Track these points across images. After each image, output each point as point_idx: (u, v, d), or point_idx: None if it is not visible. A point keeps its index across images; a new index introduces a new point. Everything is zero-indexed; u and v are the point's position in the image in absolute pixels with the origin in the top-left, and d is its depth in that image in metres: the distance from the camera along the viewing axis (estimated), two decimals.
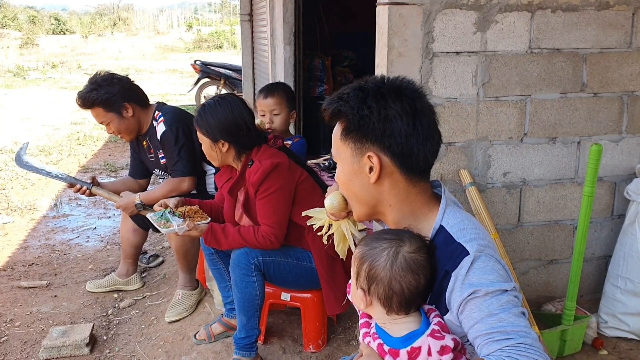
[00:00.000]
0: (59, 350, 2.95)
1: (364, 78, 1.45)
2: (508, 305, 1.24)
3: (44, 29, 27.11)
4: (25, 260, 4.22)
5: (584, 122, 2.78)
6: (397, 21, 2.46)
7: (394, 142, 1.38)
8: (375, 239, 1.38)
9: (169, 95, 12.83)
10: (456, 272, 1.29)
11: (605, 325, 2.78)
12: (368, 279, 1.33)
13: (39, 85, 15.08)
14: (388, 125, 1.36)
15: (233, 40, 25.14)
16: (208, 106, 2.52)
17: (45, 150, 7.64)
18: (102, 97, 3.17)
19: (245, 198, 2.57)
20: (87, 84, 3.24)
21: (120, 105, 3.21)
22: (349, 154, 1.42)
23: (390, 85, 1.41)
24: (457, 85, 2.60)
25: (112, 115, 3.22)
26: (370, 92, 1.39)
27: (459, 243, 1.33)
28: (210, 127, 2.48)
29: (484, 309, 1.24)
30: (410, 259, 1.31)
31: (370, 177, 1.41)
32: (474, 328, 1.26)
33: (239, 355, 2.55)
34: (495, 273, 1.28)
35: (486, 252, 1.31)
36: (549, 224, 2.89)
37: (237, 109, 2.52)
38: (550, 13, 2.61)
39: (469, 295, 1.26)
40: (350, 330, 2.92)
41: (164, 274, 3.87)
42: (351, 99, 1.39)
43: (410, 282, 1.30)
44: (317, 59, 6.49)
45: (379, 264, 1.32)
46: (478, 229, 1.39)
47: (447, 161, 2.67)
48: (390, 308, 1.33)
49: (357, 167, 1.42)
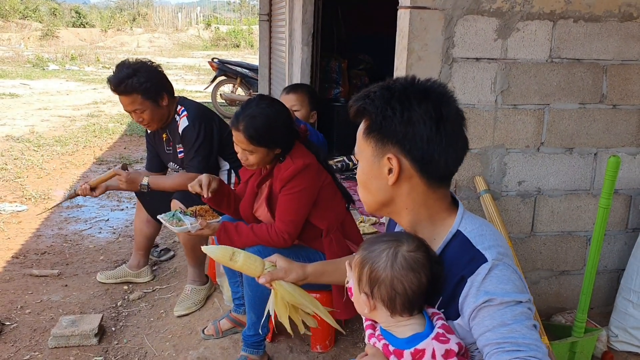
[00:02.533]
0: (68, 340, 2.97)
1: (395, 77, 1.43)
2: (521, 317, 1.24)
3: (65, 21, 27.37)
4: (38, 248, 4.26)
5: (602, 134, 2.76)
6: (418, 25, 2.46)
7: (415, 146, 1.35)
8: (373, 242, 1.39)
9: (185, 92, 12.90)
10: (472, 278, 1.29)
11: (615, 339, 2.76)
12: (370, 281, 1.34)
13: (58, 76, 15.24)
14: (410, 129, 1.34)
15: (250, 39, 25.26)
16: (262, 118, 2.42)
17: (61, 141, 7.71)
18: (144, 84, 3.11)
19: (269, 192, 2.58)
20: (120, 68, 3.15)
21: (159, 93, 3.18)
22: (369, 153, 1.41)
23: (418, 87, 1.38)
24: (475, 92, 2.59)
25: (149, 103, 3.16)
26: (396, 93, 1.36)
27: (477, 249, 1.32)
28: (270, 141, 2.44)
29: (497, 318, 1.24)
30: (410, 257, 1.32)
31: (388, 178, 1.39)
32: (484, 336, 1.26)
33: (247, 352, 2.56)
34: (511, 283, 1.28)
35: (504, 261, 1.30)
36: (562, 235, 2.88)
37: (285, 115, 2.52)
38: (572, 23, 2.60)
39: (483, 303, 1.25)
40: (357, 332, 2.92)
41: (175, 268, 3.89)
42: (377, 98, 1.37)
43: (412, 281, 1.31)
44: (334, 61, 6.51)
45: (380, 266, 1.33)
46: (496, 235, 1.39)
47: (462, 167, 2.63)
48: (394, 309, 1.33)
49: (377, 167, 1.40)
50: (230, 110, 10.16)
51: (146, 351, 2.95)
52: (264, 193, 2.63)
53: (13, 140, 7.66)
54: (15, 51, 19.85)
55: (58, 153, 7.21)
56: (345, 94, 6.46)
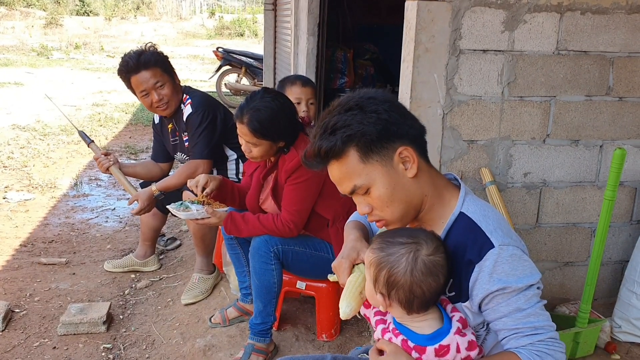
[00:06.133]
0: (77, 327, 3.01)
1: (326, 111, 1.44)
2: (534, 300, 1.32)
3: (68, 9, 27.23)
4: (45, 237, 4.30)
5: (608, 126, 2.77)
6: (426, 16, 2.47)
7: (408, 129, 1.40)
8: (390, 242, 1.35)
9: (190, 81, 12.88)
10: (480, 264, 1.32)
11: (618, 330, 2.78)
12: (388, 285, 1.32)
13: (62, 65, 15.22)
14: (394, 116, 1.38)
15: (254, 28, 25.14)
16: (267, 111, 2.43)
17: (67, 130, 7.73)
18: (160, 57, 3.21)
19: (274, 184, 2.60)
20: (129, 53, 3.20)
21: (173, 69, 3.27)
22: (379, 168, 1.38)
23: (354, 96, 1.42)
24: (482, 84, 2.60)
25: (168, 77, 3.22)
26: (353, 106, 1.38)
27: (482, 232, 1.35)
28: (274, 134, 2.46)
29: (512, 304, 1.31)
30: (430, 262, 1.31)
31: (407, 172, 1.39)
32: (501, 321, 1.33)
33: (254, 340, 2.59)
34: (520, 267, 1.32)
35: (511, 244, 1.33)
36: (567, 226, 2.89)
37: (289, 108, 2.54)
38: (580, 15, 2.60)
39: (497, 291, 1.31)
40: (363, 321, 2.94)
41: (181, 257, 3.93)
42: (348, 120, 1.36)
43: (430, 284, 1.32)
44: (340, 50, 6.49)
45: (399, 271, 1.31)
46: (498, 216, 1.42)
47: (468, 159, 2.68)
48: (410, 309, 1.34)
49: (393, 171, 1.39)
50: (234, 100, 10.16)
51: (154, 339, 2.99)
52: (269, 185, 2.65)
53: (19, 129, 7.69)
54: (19, 39, 19.82)
55: (64, 142, 7.25)
56: (350, 84, 6.45)
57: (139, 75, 3.14)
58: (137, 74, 3.14)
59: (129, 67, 3.14)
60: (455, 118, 2.61)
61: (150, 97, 3.18)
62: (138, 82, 3.16)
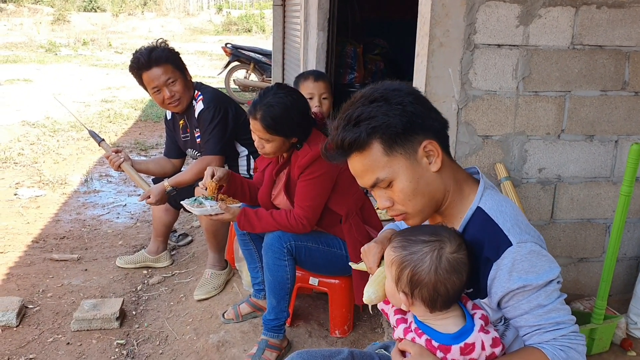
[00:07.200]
0: (90, 323, 3.02)
1: (349, 102, 1.41)
2: (554, 295, 1.32)
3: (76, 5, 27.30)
4: (57, 233, 4.32)
5: (623, 121, 2.74)
6: (440, 11, 2.45)
7: (432, 123, 1.39)
8: (412, 241, 1.34)
9: (198, 77, 12.87)
10: (498, 262, 1.31)
11: (634, 326, 2.76)
12: (411, 284, 1.31)
13: (70, 61, 15.27)
14: (419, 109, 1.36)
15: (262, 24, 25.12)
16: (280, 107, 2.41)
17: (77, 127, 7.75)
18: (171, 54, 3.20)
19: (287, 180, 2.59)
20: (140, 50, 3.19)
21: (184, 66, 3.26)
22: (403, 161, 1.36)
23: (378, 88, 1.39)
24: (497, 78, 2.58)
25: (179, 73, 3.21)
26: (378, 97, 1.36)
27: (499, 229, 1.34)
28: (287, 129, 2.44)
29: (533, 301, 1.30)
30: (454, 259, 1.30)
31: (431, 167, 1.38)
32: (522, 318, 1.32)
33: (268, 336, 2.59)
34: (539, 264, 1.31)
35: (529, 241, 1.32)
36: (582, 222, 2.87)
37: (302, 104, 2.52)
38: (595, 9, 2.57)
39: (518, 289, 1.29)
40: (376, 317, 2.94)
41: (193, 253, 3.93)
42: (373, 111, 1.34)
43: (454, 283, 1.31)
44: (349, 45, 6.47)
45: (423, 270, 1.29)
46: (516, 211, 1.40)
47: (483, 154, 2.66)
48: (434, 308, 1.33)
49: (417, 165, 1.37)
50: (243, 96, 10.16)
51: (167, 334, 2.99)
52: (281, 181, 2.64)
53: (29, 126, 7.72)
54: (28, 36, 19.88)
55: (74, 138, 7.27)
56: (360, 79, 6.44)
57: (151, 72, 3.13)
58: (148, 70, 3.13)
59: (140, 63, 3.13)
60: (470, 113, 2.60)
61: (162, 93, 3.17)
62: (149, 79, 3.15)
